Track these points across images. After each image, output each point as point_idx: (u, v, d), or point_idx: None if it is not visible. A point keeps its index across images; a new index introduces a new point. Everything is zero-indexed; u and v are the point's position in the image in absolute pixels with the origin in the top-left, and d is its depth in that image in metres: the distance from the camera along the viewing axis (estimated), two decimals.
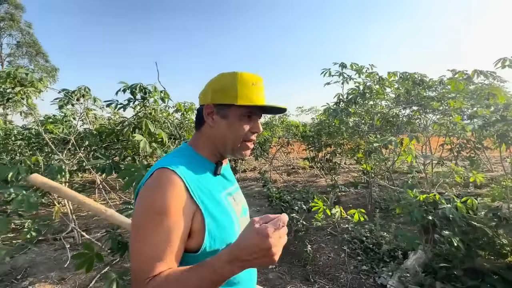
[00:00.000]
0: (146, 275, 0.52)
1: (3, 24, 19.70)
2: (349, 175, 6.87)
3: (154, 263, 0.53)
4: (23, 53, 21.05)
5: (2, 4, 20.17)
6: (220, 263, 0.50)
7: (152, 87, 2.25)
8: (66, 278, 2.42)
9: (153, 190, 0.58)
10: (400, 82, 3.43)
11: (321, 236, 3.21)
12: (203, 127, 0.70)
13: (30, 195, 1.53)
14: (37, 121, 3.04)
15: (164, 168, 0.60)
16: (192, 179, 0.61)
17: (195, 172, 0.64)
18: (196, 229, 0.59)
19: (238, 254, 0.49)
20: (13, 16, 20.20)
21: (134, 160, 2.44)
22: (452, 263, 2.13)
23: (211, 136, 0.69)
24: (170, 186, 0.57)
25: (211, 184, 0.67)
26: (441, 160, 4.31)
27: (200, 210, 0.60)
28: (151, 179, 0.60)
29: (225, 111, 0.66)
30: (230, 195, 0.72)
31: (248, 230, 0.50)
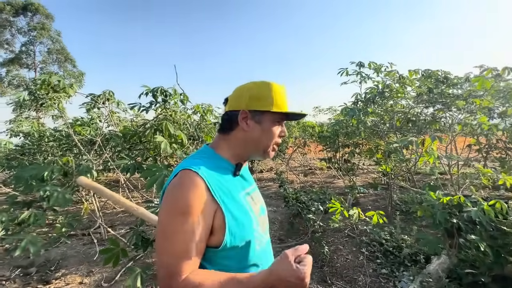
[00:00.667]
0: (177, 271, 0.57)
1: (35, 33, 21.19)
2: (368, 176, 6.69)
3: (182, 262, 0.58)
4: (53, 60, 22.54)
5: (35, 15, 21.72)
6: (254, 285, 0.57)
7: (172, 90, 2.35)
8: (94, 271, 2.58)
9: (177, 190, 0.62)
10: (422, 80, 3.31)
11: (339, 237, 3.16)
12: (235, 131, 0.75)
13: (65, 192, 1.66)
14: (67, 124, 3.26)
15: (187, 170, 0.65)
16: (213, 180, 0.66)
17: (216, 172, 0.68)
18: (217, 226, 0.63)
19: (274, 283, 0.56)
20: (44, 25, 21.69)
21: (155, 160, 2.55)
22: (479, 270, 2.03)
23: (244, 139, 0.74)
24: (192, 187, 0.62)
25: (231, 184, 0.71)
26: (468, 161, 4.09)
27: (221, 208, 0.64)
28: (175, 180, 0.65)
29: (260, 117, 0.73)
30: (249, 195, 0.76)
31: (285, 265, 0.57)
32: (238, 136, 0.75)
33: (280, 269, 0.56)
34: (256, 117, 0.73)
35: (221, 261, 0.66)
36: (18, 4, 21.04)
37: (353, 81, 3.79)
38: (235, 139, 0.75)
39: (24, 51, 21.39)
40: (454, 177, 3.55)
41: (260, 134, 0.73)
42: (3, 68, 21.13)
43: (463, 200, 1.97)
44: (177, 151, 2.40)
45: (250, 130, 0.73)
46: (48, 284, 2.39)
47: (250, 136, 0.74)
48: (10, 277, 2.51)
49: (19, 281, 2.45)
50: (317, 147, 6.26)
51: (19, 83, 21.22)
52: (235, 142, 0.75)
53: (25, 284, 2.41)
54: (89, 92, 2.96)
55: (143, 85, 2.28)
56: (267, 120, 0.73)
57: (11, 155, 5.47)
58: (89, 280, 2.43)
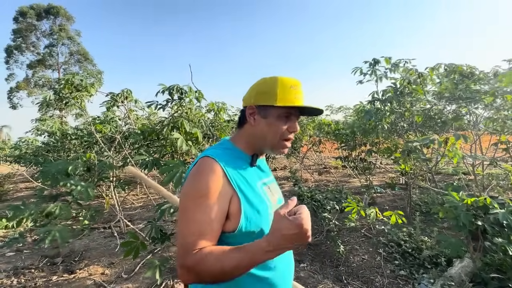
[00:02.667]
0: (191, 248, 0.60)
1: (57, 36, 22.22)
2: (385, 175, 6.51)
3: (197, 238, 0.60)
4: (75, 61, 23.56)
5: (57, 18, 22.76)
6: (259, 251, 0.56)
7: (188, 88, 2.38)
8: (114, 263, 2.69)
9: (196, 175, 0.66)
10: (445, 75, 3.16)
11: (355, 237, 3.11)
12: (246, 125, 0.78)
13: (89, 186, 1.74)
14: (89, 122, 3.40)
15: (206, 157, 0.69)
16: (230, 167, 0.69)
17: (233, 161, 0.71)
18: (234, 211, 0.66)
19: (277, 243, 0.55)
20: (65, 27, 22.69)
21: (172, 157, 2.61)
22: (506, 275, 1.93)
23: (252, 134, 0.77)
24: (210, 172, 0.65)
25: (247, 173, 0.74)
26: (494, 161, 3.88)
27: (237, 194, 0.67)
28: (196, 166, 0.69)
29: (265, 112, 0.74)
30: (265, 185, 0.79)
31: (282, 222, 0.56)
32: (248, 130, 0.78)
33: (278, 227, 0.56)
34: (262, 112, 0.74)
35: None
36: (41, 7, 22.12)
37: (368, 80, 3.68)
38: (246, 134, 0.78)
39: (47, 52, 22.48)
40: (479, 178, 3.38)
41: (265, 129, 0.74)
42: (30, 70, 22.34)
43: (489, 201, 1.87)
44: (192, 148, 2.44)
45: (256, 125, 0.75)
46: (72, 274, 2.52)
47: (256, 130, 0.75)
48: (38, 266, 2.67)
49: (46, 270, 2.60)
50: (333, 146, 6.16)
51: (44, 84, 22.36)
52: (246, 136, 0.78)
53: (52, 272, 2.56)
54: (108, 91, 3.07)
55: (159, 84, 2.34)
56: (272, 115, 0.74)
57: (38, 152, 5.80)
58: (110, 271, 2.54)
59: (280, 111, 0.73)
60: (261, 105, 0.74)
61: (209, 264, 0.57)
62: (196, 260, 0.58)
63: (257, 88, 0.76)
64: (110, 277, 2.44)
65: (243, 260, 0.57)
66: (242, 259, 0.57)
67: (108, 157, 3.19)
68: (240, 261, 0.57)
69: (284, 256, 0.73)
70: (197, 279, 0.60)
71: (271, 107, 0.73)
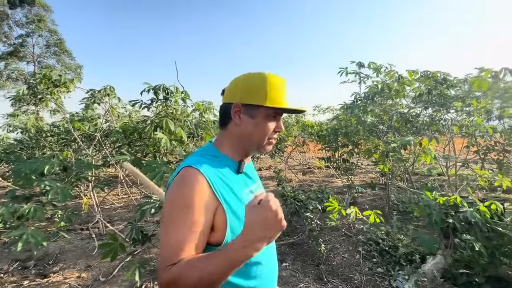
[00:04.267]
0: (169, 261, 0.57)
1: (34, 26, 21.01)
2: (366, 176, 6.72)
3: (176, 251, 0.58)
4: (52, 53, 22.35)
5: (32, 7, 21.51)
6: (237, 248, 0.54)
7: (174, 88, 2.35)
8: (91, 266, 2.59)
9: (180, 185, 0.63)
10: (421, 80, 3.32)
11: (336, 236, 3.19)
12: (229, 125, 0.73)
13: (64, 187, 1.67)
14: (66, 119, 3.25)
15: (190, 167, 0.65)
16: (215, 177, 0.65)
17: (218, 171, 0.68)
18: (219, 224, 0.64)
19: (251, 235, 0.54)
20: (42, 17, 21.49)
21: (155, 157, 2.56)
22: (473, 270, 2.06)
23: (237, 134, 0.73)
24: (195, 183, 0.62)
25: (233, 182, 0.70)
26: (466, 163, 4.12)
27: (222, 206, 0.64)
28: (178, 177, 0.65)
29: (253, 111, 0.70)
30: (252, 193, 0.76)
31: (251, 211, 0.56)
32: (233, 130, 0.73)
33: (248, 218, 0.55)
34: (249, 111, 0.70)
35: None
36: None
37: (352, 81, 3.80)
38: (230, 134, 0.74)
39: (19, 43, 21.16)
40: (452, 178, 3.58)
41: (253, 129, 0.71)
42: (2, 61, 20.97)
43: (460, 200, 1.99)
44: (177, 148, 2.41)
45: (243, 125, 0.71)
46: (46, 278, 2.40)
47: (243, 130, 0.72)
48: (8, 270, 2.52)
49: (17, 274, 2.46)
50: (316, 146, 6.28)
51: (18, 77, 21.08)
52: (231, 137, 0.74)
53: (23, 277, 2.42)
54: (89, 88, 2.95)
55: (144, 82, 2.28)
56: (261, 115, 0.70)
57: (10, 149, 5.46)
58: (86, 275, 2.44)
59: (268, 111, 0.71)
60: (249, 104, 0.70)
61: (187, 275, 0.54)
62: (172, 275, 0.55)
63: (243, 85, 0.71)
64: (86, 281, 2.35)
65: (221, 262, 0.54)
66: (220, 262, 0.54)
67: (87, 156, 3.07)
68: (218, 264, 0.54)
69: (267, 264, 0.73)
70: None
71: (260, 107, 0.70)
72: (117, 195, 5.43)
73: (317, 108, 8.76)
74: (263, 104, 0.69)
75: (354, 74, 3.71)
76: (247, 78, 0.72)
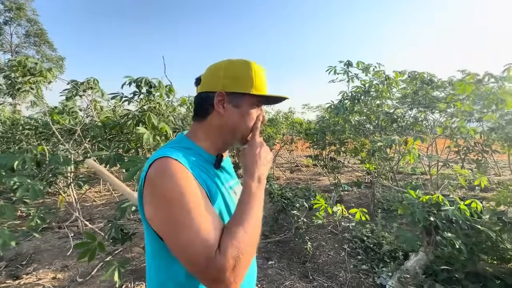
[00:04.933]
0: (210, 249, 0.48)
1: (12, 14, 19.91)
2: (353, 174, 6.83)
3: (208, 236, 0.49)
4: (31, 43, 21.26)
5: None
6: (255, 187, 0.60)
7: (157, 81, 2.25)
8: (69, 266, 2.47)
9: (165, 177, 0.53)
10: (408, 81, 3.37)
11: (322, 234, 3.20)
12: (210, 115, 0.66)
13: (35, 183, 1.56)
14: (44, 111, 3.07)
15: (165, 157, 0.56)
16: (195, 170, 0.58)
17: (196, 162, 0.61)
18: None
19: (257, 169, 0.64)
20: (21, 5, 20.37)
21: (137, 152, 2.46)
22: (453, 266, 2.12)
23: (220, 125, 0.66)
24: (179, 170, 0.54)
25: (214, 178, 0.65)
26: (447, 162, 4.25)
27: (208, 199, 0.58)
28: (157, 169, 0.55)
29: (238, 100, 0.65)
30: (231, 189, 0.71)
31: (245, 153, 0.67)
32: (214, 121, 0.66)
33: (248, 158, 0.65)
34: (234, 100, 0.65)
35: None
36: None
37: (341, 80, 3.82)
38: (210, 126, 0.67)
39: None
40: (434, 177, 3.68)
41: (238, 119, 0.66)
42: None
43: (442, 199, 2.03)
44: (161, 143, 2.32)
45: (227, 115, 0.65)
46: (18, 280, 2.26)
47: (227, 121, 0.66)
48: None
49: None
50: (304, 144, 6.31)
51: None
52: (211, 129, 0.67)
53: None
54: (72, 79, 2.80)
55: (126, 76, 2.18)
56: (246, 103, 0.66)
57: None
58: (63, 275, 2.32)
59: (254, 100, 0.66)
60: (233, 92, 0.64)
61: (241, 240, 0.50)
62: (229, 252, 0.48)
63: (226, 72, 0.65)
64: (62, 282, 2.23)
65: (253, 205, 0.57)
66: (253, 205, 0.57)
67: (65, 151, 2.92)
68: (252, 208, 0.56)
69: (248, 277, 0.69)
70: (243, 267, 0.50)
71: (246, 95, 0.65)
72: (98, 192, 5.24)
73: (306, 106, 8.82)
74: (249, 92, 0.64)
75: (343, 73, 3.73)
76: (229, 65, 0.66)
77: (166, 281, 0.59)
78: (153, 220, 0.56)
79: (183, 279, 0.58)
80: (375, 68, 3.58)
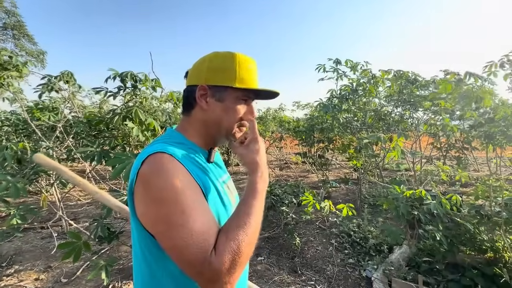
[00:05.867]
0: (205, 249, 0.47)
1: None
2: (340, 171, 6.96)
3: (204, 237, 0.48)
4: (9, 36, 20.18)
5: None
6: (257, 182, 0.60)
7: (143, 76, 2.21)
8: (52, 266, 2.40)
9: (161, 172, 0.51)
10: (393, 79, 3.46)
11: (310, 229, 3.26)
12: (194, 110, 0.65)
13: (16, 181, 1.50)
14: (23, 108, 2.95)
15: (160, 153, 0.53)
16: (189, 165, 0.56)
17: (189, 159, 0.59)
18: None
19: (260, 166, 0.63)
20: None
21: (124, 149, 2.41)
22: (435, 258, 2.21)
23: (204, 120, 0.65)
24: (174, 167, 0.52)
25: (208, 171, 0.63)
26: (430, 159, 4.40)
27: (203, 194, 0.56)
28: (150, 166, 0.52)
29: (221, 94, 0.63)
30: (225, 183, 0.69)
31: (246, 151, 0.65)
32: (198, 116, 0.65)
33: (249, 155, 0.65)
34: (216, 94, 0.63)
35: None
36: None
37: (329, 77, 3.87)
38: (196, 120, 0.65)
39: None
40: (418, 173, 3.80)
41: (221, 114, 0.63)
42: None
43: (424, 193, 2.10)
44: (149, 139, 2.28)
45: (209, 109, 0.63)
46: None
47: (210, 116, 0.64)
48: None
49: None
50: (292, 142, 6.37)
51: None
52: (196, 123, 0.65)
53: None
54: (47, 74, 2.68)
55: (110, 69, 2.12)
56: (230, 97, 0.63)
57: None
58: (46, 276, 2.25)
59: (238, 93, 0.63)
60: (216, 85, 0.62)
61: (237, 240, 0.49)
62: (225, 253, 0.47)
63: (209, 64, 0.63)
64: (46, 283, 2.16)
65: (254, 202, 0.56)
66: (253, 202, 0.56)
67: (48, 149, 2.82)
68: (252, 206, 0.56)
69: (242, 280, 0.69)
70: (240, 268, 0.49)
71: (229, 88, 0.62)
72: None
73: (296, 104, 8.89)
74: (232, 85, 0.62)
75: (332, 71, 3.78)
76: (213, 57, 0.64)
77: (159, 276, 0.57)
78: (144, 218, 0.54)
79: (177, 273, 0.56)
80: (362, 66, 3.65)
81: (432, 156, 4.75)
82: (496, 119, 3.35)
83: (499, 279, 1.86)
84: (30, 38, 20.82)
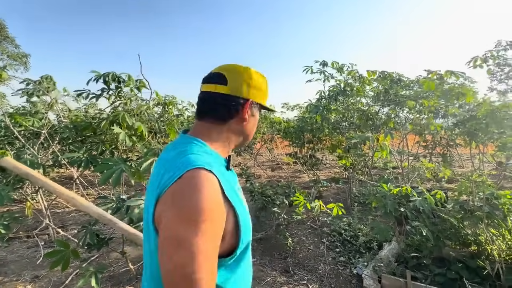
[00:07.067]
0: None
1: None
2: (331, 170, 7.05)
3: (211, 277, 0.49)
4: None
5: None
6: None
7: (127, 76, 2.18)
8: (40, 276, 2.33)
9: (195, 193, 0.50)
10: (379, 80, 3.55)
11: (302, 229, 3.29)
12: (233, 120, 0.67)
13: (1, 188, 1.46)
14: (4, 114, 2.85)
15: (200, 169, 0.53)
16: (222, 179, 0.56)
17: (220, 170, 0.58)
18: (228, 231, 0.55)
19: None
20: None
21: (112, 154, 2.37)
22: (422, 253, 2.27)
23: (240, 130, 0.70)
24: (211, 189, 0.52)
25: (231, 181, 0.63)
26: (417, 156, 4.52)
27: (233, 210, 0.56)
28: (188, 181, 0.51)
29: (255, 109, 0.72)
30: (239, 189, 0.69)
31: None
32: (235, 126, 0.68)
33: None
34: (253, 109, 0.71)
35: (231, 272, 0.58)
36: None
37: (317, 79, 3.94)
38: (229, 130, 0.68)
39: None
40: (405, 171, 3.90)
41: (252, 127, 0.73)
42: None
43: (410, 191, 2.17)
44: (138, 144, 2.26)
45: (248, 122, 0.70)
46: None
47: (246, 128, 0.71)
48: None
49: None
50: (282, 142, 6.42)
51: None
52: (228, 132, 0.68)
53: None
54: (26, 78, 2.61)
55: (92, 71, 2.08)
56: (258, 112, 0.74)
57: None
58: (33, 287, 2.19)
59: (260, 110, 0.76)
60: (255, 101, 0.70)
61: None
62: None
63: (251, 82, 0.68)
64: None
65: None
66: None
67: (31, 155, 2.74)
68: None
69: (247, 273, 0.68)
70: None
71: (258, 105, 0.72)
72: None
73: (285, 105, 8.95)
74: (263, 103, 0.72)
75: (319, 73, 3.84)
76: (252, 74, 0.69)
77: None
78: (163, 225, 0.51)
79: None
80: (348, 68, 3.73)
81: (419, 154, 4.89)
82: (478, 116, 3.48)
83: (482, 271, 1.93)
84: (11, 40, 20.13)
